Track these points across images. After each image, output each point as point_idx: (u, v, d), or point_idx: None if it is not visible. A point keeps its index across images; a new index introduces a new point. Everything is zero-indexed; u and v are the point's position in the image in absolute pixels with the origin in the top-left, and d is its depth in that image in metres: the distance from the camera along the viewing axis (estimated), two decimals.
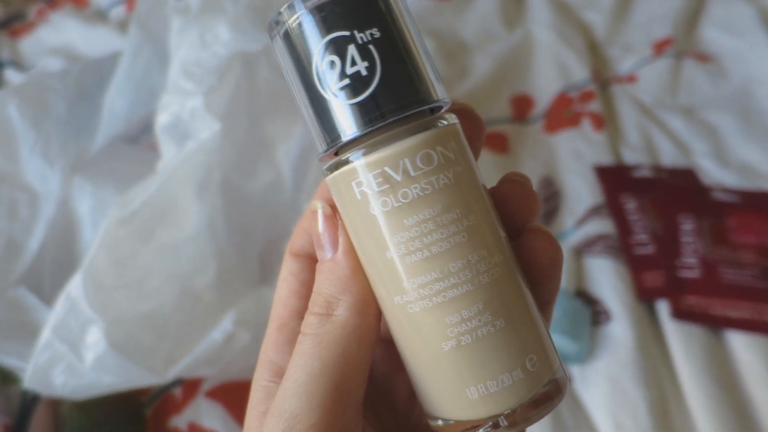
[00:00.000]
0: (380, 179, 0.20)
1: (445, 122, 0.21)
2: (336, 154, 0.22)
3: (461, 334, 0.20)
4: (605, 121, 0.72)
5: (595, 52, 0.82)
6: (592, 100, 0.73)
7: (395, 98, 0.20)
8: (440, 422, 0.22)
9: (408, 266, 0.20)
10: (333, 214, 0.22)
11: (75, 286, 0.44)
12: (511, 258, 0.22)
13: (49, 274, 0.53)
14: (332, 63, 0.20)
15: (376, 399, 0.26)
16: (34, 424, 0.48)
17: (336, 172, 0.21)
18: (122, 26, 0.84)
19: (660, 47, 0.80)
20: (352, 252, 0.22)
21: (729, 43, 0.79)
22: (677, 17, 0.83)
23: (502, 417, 0.21)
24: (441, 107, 0.22)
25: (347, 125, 0.20)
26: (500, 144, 0.72)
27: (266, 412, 0.22)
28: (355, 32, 0.20)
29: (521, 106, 0.77)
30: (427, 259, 0.20)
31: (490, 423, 0.21)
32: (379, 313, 0.22)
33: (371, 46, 0.20)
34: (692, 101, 0.74)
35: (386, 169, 0.20)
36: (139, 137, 0.62)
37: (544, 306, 0.23)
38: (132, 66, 0.58)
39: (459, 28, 0.86)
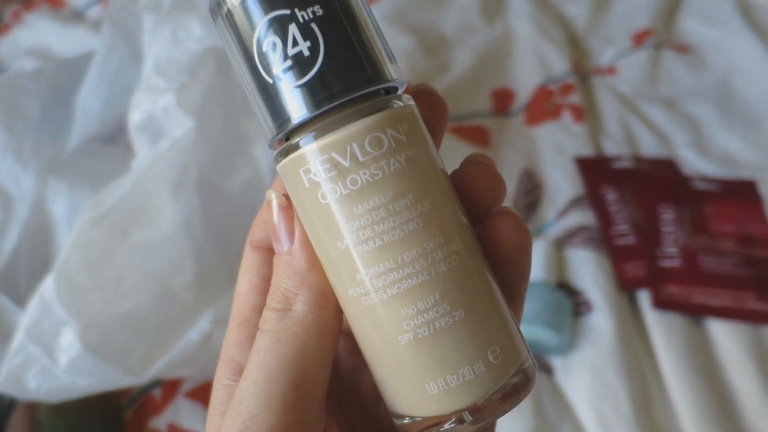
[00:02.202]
0: (328, 165, 0.19)
1: (399, 104, 0.20)
2: (287, 140, 0.21)
3: (418, 326, 0.20)
4: (586, 113, 0.72)
5: (575, 45, 0.82)
6: (572, 93, 0.73)
7: (341, 79, 0.19)
8: (407, 420, 0.21)
9: (361, 256, 0.20)
10: (288, 204, 0.21)
11: (47, 287, 0.43)
12: (474, 245, 0.21)
13: (24, 277, 0.52)
14: (274, 44, 0.19)
15: (342, 392, 0.25)
16: (11, 429, 0.48)
17: (285, 160, 0.20)
18: (99, 26, 0.83)
19: (640, 38, 0.80)
20: (308, 244, 0.21)
21: (708, 34, 0.80)
22: (656, 8, 0.83)
23: (466, 412, 0.20)
24: (395, 88, 0.21)
25: (292, 110, 0.19)
26: (481, 137, 0.72)
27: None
28: (296, 10, 0.19)
29: (502, 100, 0.76)
30: (380, 249, 0.19)
31: (454, 419, 0.20)
32: (339, 307, 0.21)
33: (313, 25, 0.19)
34: (672, 92, 0.75)
35: (333, 154, 0.19)
36: (115, 137, 0.61)
37: (514, 295, 0.22)
38: (105, 65, 0.57)
39: (439, 22, 0.86)
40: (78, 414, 0.48)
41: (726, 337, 0.52)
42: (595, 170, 0.65)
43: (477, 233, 0.22)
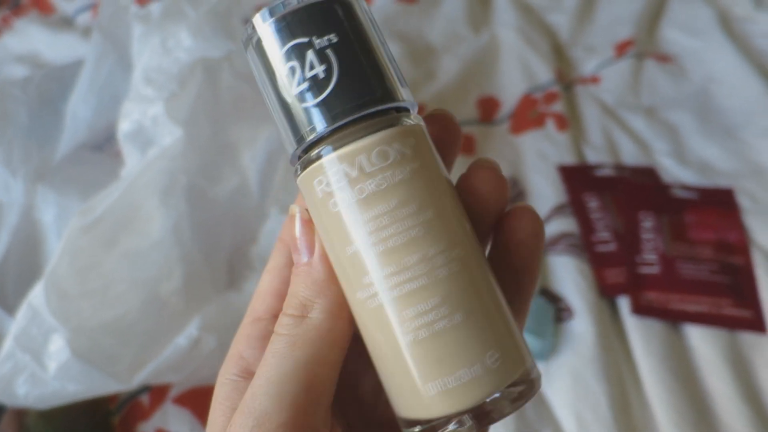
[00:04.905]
0: (337, 177, 0.21)
1: (408, 122, 0.22)
2: (305, 154, 0.23)
3: (418, 328, 0.21)
4: (569, 122, 0.73)
5: (559, 54, 0.84)
6: (556, 101, 0.75)
7: (352, 99, 0.21)
8: (417, 428, 0.22)
9: (367, 260, 0.21)
10: (310, 218, 0.23)
11: (36, 294, 0.44)
12: (477, 253, 0.22)
13: (12, 284, 0.53)
14: (293, 68, 0.21)
15: (341, 394, 0.26)
16: None
17: (303, 173, 0.22)
18: (88, 33, 0.83)
19: (622, 48, 0.82)
20: (327, 257, 0.22)
21: (688, 44, 0.81)
22: (639, 19, 0.85)
23: (466, 415, 0.21)
24: (407, 108, 0.23)
25: (309, 127, 0.21)
26: (467, 145, 0.73)
27: (233, 407, 0.23)
28: (314, 38, 0.21)
29: (487, 108, 0.78)
30: (383, 253, 0.21)
31: (455, 421, 0.21)
32: (352, 317, 0.22)
33: (328, 51, 0.21)
34: (653, 101, 0.76)
35: (344, 166, 0.21)
36: (104, 145, 0.61)
37: (522, 294, 0.23)
38: (95, 73, 0.57)
39: (426, 31, 0.87)
40: (66, 420, 0.49)
41: (703, 342, 0.53)
42: (577, 178, 0.67)
43: (495, 229, 0.23)
